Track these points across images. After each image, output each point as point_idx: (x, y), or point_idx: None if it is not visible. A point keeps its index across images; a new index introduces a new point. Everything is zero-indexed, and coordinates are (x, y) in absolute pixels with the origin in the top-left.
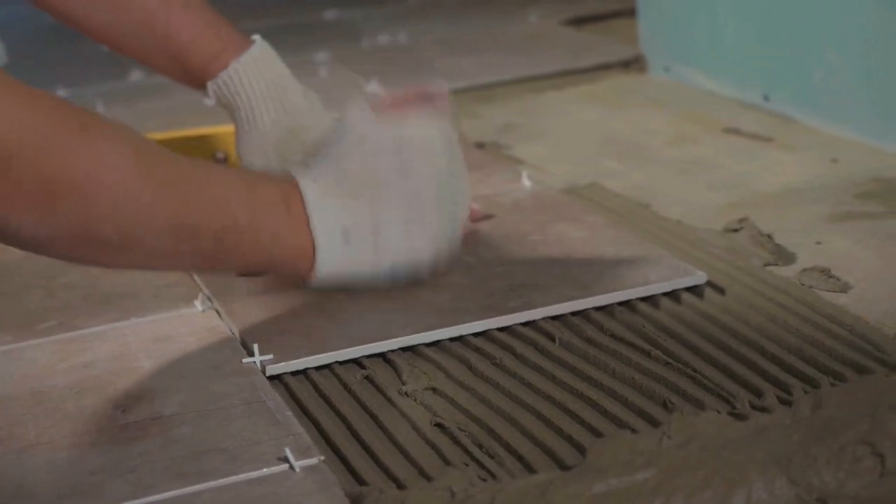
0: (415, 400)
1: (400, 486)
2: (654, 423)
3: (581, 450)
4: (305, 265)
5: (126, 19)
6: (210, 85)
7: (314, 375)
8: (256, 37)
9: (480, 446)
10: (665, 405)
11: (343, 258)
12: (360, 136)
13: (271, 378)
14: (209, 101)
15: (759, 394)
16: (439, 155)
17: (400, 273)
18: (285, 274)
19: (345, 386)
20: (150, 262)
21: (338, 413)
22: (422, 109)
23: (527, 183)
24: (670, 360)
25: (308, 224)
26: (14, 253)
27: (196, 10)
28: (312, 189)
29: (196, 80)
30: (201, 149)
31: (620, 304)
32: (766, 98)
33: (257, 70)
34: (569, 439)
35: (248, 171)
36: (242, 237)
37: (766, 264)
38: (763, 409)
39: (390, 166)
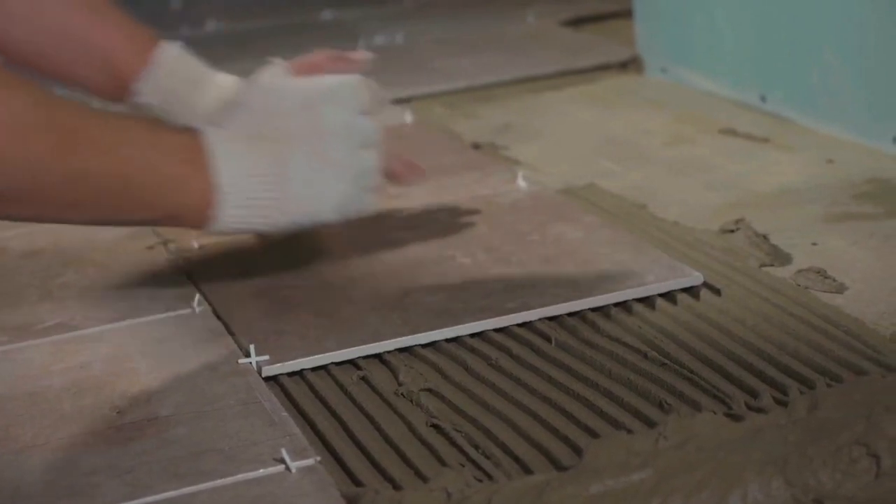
0: (411, 401)
1: (396, 486)
2: (650, 423)
3: (577, 450)
4: (208, 211)
5: (45, 30)
6: (142, 82)
7: (310, 376)
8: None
9: (477, 447)
10: (661, 406)
11: (247, 203)
12: (268, 87)
13: (267, 379)
14: (140, 100)
15: (755, 395)
16: (349, 102)
17: (304, 219)
18: (189, 223)
19: (341, 387)
20: (51, 213)
21: (334, 414)
22: (336, 69)
23: (522, 184)
24: (666, 361)
25: (211, 169)
26: (11, 254)
27: (114, 14)
28: (216, 135)
29: (121, 81)
30: None
31: (617, 305)
32: (762, 99)
33: (185, 60)
34: (565, 440)
35: (151, 119)
36: (144, 184)
37: (763, 265)
38: (759, 410)
39: (297, 112)
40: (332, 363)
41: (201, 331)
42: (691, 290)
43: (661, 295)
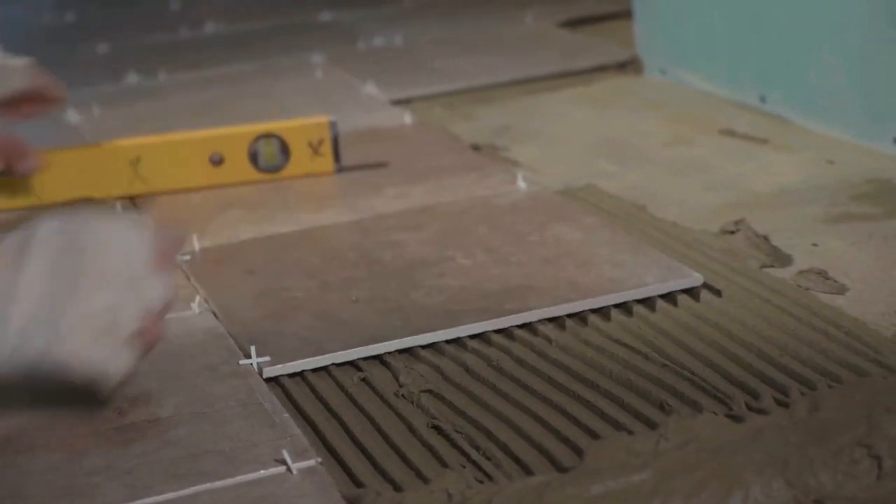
0: (411, 402)
1: (397, 488)
2: (650, 424)
3: (578, 452)
4: None
5: None
6: None
7: (311, 377)
8: None
9: (477, 448)
10: (662, 407)
11: None
12: (31, 224)
13: (268, 380)
14: None
15: (755, 396)
16: (120, 250)
17: (19, 360)
18: None
19: (342, 388)
20: None
21: (335, 415)
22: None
23: (522, 185)
24: (667, 362)
25: None
26: None
27: None
28: None
29: None
30: (196, 151)
31: (616, 306)
32: (762, 99)
33: None
34: (566, 441)
35: None
36: None
37: (763, 266)
38: (760, 411)
39: (44, 246)
40: (333, 364)
41: (201, 332)
42: (691, 291)
43: (661, 296)
